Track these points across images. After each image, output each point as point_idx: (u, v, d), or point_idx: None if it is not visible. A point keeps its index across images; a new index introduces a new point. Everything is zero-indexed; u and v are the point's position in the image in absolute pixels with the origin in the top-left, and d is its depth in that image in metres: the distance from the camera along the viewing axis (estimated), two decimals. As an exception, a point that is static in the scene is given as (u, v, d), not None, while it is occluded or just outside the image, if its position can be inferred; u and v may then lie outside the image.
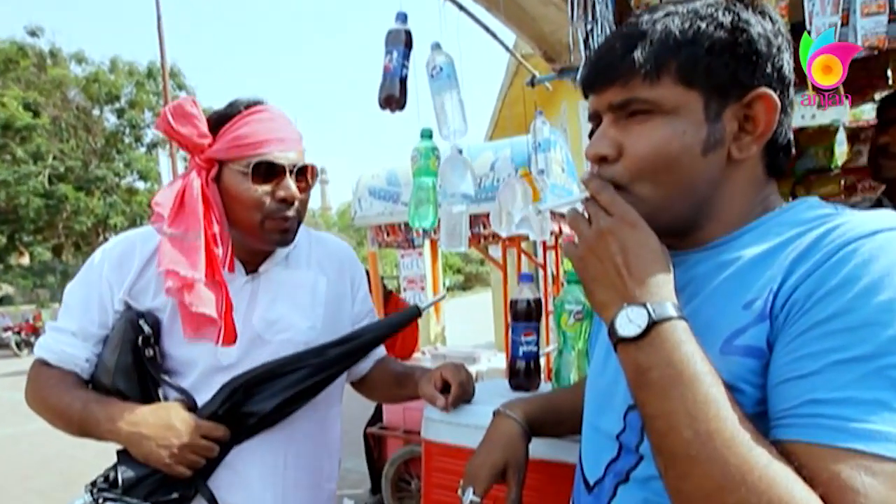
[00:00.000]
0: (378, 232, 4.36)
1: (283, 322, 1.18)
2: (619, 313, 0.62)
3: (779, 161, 0.73)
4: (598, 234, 0.67)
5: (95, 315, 1.14)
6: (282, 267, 1.23)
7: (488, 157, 3.70)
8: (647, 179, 0.69)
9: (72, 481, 4.91)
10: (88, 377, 1.16)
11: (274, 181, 1.11)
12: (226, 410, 1.10)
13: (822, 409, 0.53)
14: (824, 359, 0.54)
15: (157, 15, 13.16)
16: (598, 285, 0.67)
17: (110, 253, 1.17)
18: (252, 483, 1.14)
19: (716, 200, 0.71)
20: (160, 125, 1.10)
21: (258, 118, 1.12)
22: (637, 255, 0.64)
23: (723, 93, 0.67)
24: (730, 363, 0.61)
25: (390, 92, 1.58)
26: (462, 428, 1.29)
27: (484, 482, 0.97)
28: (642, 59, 0.67)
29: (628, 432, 0.74)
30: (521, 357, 1.41)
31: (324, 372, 1.19)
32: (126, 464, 1.07)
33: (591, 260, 0.67)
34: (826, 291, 0.56)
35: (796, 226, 0.65)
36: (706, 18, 0.67)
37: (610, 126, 0.72)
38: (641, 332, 0.60)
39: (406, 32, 1.59)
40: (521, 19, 2.68)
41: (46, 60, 22.43)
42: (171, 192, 1.10)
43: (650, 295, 0.62)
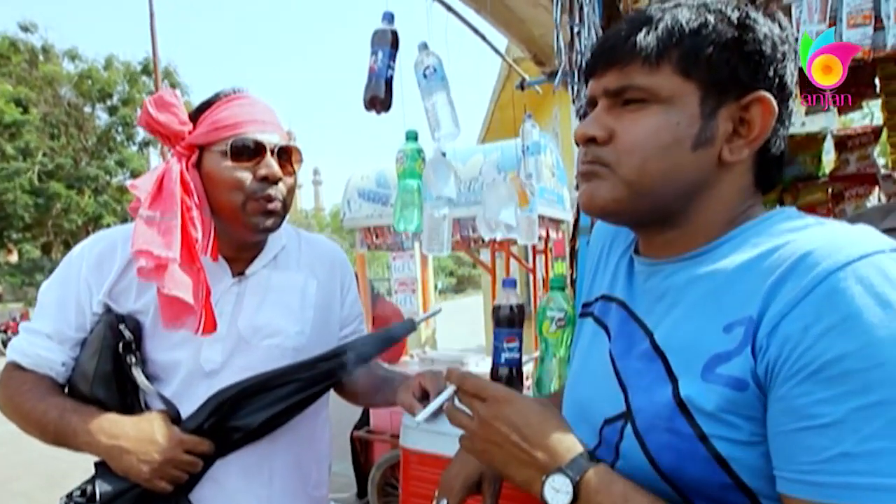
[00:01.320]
0: (367, 234, 4.35)
1: (271, 327, 1.14)
2: (544, 487, 0.64)
3: (770, 173, 0.72)
4: (483, 422, 0.69)
5: (72, 317, 1.09)
6: (270, 268, 1.19)
7: (478, 160, 3.70)
8: (635, 163, 0.67)
9: (55, 483, 4.85)
10: (64, 381, 1.12)
11: (255, 160, 1.08)
12: (211, 424, 1.06)
13: (855, 465, 0.50)
14: (844, 404, 0.51)
15: (149, 12, 13.11)
16: (512, 468, 0.68)
17: (89, 252, 1.12)
18: (237, 495, 1.10)
19: (698, 199, 0.69)
20: (142, 118, 1.07)
21: (238, 103, 1.10)
22: (527, 424, 0.67)
23: (721, 90, 0.66)
24: (712, 392, 0.59)
25: (375, 93, 1.56)
26: (440, 436, 1.27)
27: (458, 494, 0.96)
28: (644, 43, 0.66)
29: (603, 448, 0.72)
30: (503, 363, 1.39)
31: (313, 387, 1.15)
32: (104, 477, 1.03)
33: (492, 449, 0.69)
34: (824, 329, 0.53)
35: (773, 237, 0.63)
36: (715, 12, 0.66)
37: (604, 111, 0.70)
38: (573, 498, 0.62)
39: (392, 33, 1.58)
40: (510, 21, 2.67)
41: (39, 57, 22.29)
42: (151, 176, 1.06)
43: (559, 456, 0.64)
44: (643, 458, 0.64)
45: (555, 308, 1.26)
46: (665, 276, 0.71)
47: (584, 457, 0.64)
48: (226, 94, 1.12)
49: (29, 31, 22.22)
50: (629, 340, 0.72)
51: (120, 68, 22.98)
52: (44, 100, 21.92)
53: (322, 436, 1.29)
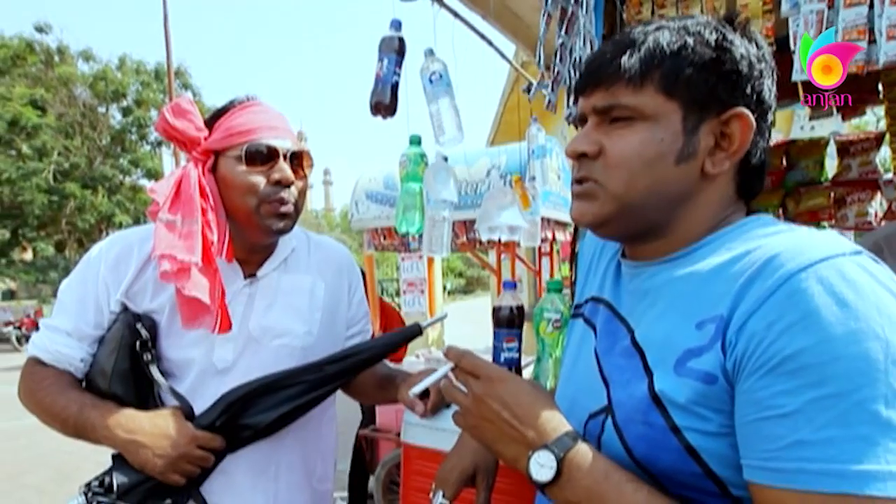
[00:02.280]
0: (374, 235, 4.38)
1: (280, 327, 1.18)
2: (530, 462, 0.67)
3: (751, 183, 0.76)
4: (477, 399, 0.73)
5: (91, 316, 1.14)
6: (281, 271, 1.24)
7: (485, 163, 3.73)
8: (622, 179, 0.71)
9: (66, 477, 4.88)
10: (83, 376, 1.16)
11: (268, 165, 1.13)
12: (223, 422, 1.10)
13: (808, 452, 0.54)
14: (800, 396, 0.54)
15: (163, 14, 13.25)
16: (501, 444, 0.72)
17: (108, 253, 1.16)
18: (243, 487, 1.15)
19: (682, 210, 0.73)
20: (160, 125, 1.12)
21: (252, 110, 1.15)
22: (517, 404, 0.70)
23: (702, 107, 0.70)
24: (684, 385, 0.63)
25: (380, 98, 1.60)
26: (440, 432, 1.31)
27: (453, 486, 0.99)
28: (628, 65, 0.70)
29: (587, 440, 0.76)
30: (502, 363, 1.41)
31: (320, 388, 1.19)
32: (121, 469, 1.07)
33: (483, 425, 0.73)
34: (787, 325, 0.56)
35: (746, 242, 0.67)
36: (694, 35, 0.70)
37: (593, 128, 0.75)
38: (556, 473, 0.65)
39: (399, 40, 1.61)
40: (517, 27, 2.70)
41: (54, 57, 22.54)
42: (169, 181, 1.11)
43: (546, 433, 0.68)
44: (621, 448, 0.67)
45: (552, 309, 1.29)
46: (647, 278, 0.75)
47: (569, 435, 0.67)
48: (240, 101, 1.17)
49: (44, 32, 22.48)
50: (613, 338, 0.76)
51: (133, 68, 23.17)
52: (59, 100, 22.16)
53: (328, 432, 1.32)
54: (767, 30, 1.54)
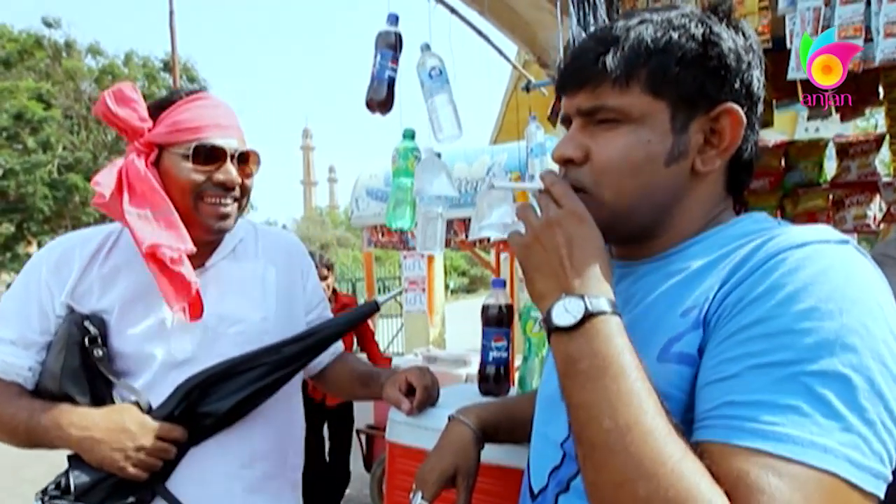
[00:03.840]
0: (374, 232, 4.38)
1: (235, 315, 1.17)
2: (557, 303, 0.63)
3: (740, 178, 0.74)
4: (547, 224, 0.67)
5: (36, 322, 1.10)
6: (230, 260, 1.22)
7: (485, 161, 3.72)
8: (610, 185, 0.70)
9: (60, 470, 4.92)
10: (33, 387, 1.12)
11: (214, 165, 1.11)
12: (182, 411, 1.07)
13: (735, 411, 0.54)
14: (743, 363, 0.55)
15: (169, 10, 13.27)
16: (540, 274, 0.67)
17: (48, 257, 1.14)
18: (216, 479, 1.12)
19: (674, 211, 0.72)
20: (99, 109, 1.08)
21: (199, 104, 1.12)
22: (581, 248, 0.65)
23: (690, 105, 0.68)
24: (666, 371, 0.63)
25: (375, 95, 1.58)
26: (425, 431, 1.30)
27: (433, 487, 0.98)
28: (613, 65, 0.68)
29: (573, 440, 0.74)
30: (490, 362, 1.41)
31: (281, 370, 1.17)
32: (78, 469, 1.03)
33: (536, 249, 0.67)
34: (752, 299, 0.58)
35: (739, 238, 0.66)
36: (679, 29, 0.68)
37: (578, 130, 0.73)
38: (576, 323, 0.61)
39: (396, 34, 1.59)
40: (515, 24, 2.68)
41: (61, 52, 22.62)
42: (111, 172, 1.09)
43: (589, 288, 0.63)
44: None
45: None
46: (636, 279, 0.74)
47: (611, 302, 0.62)
48: (186, 93, 1.14)
49: (52, 27, 22.57)
50: None
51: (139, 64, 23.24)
52: (65, 94, 22.24)
53: (296, 419, 1.31)
54: (763, 27, 1.52)
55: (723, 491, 0.51)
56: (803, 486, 0.50)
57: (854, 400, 0.51)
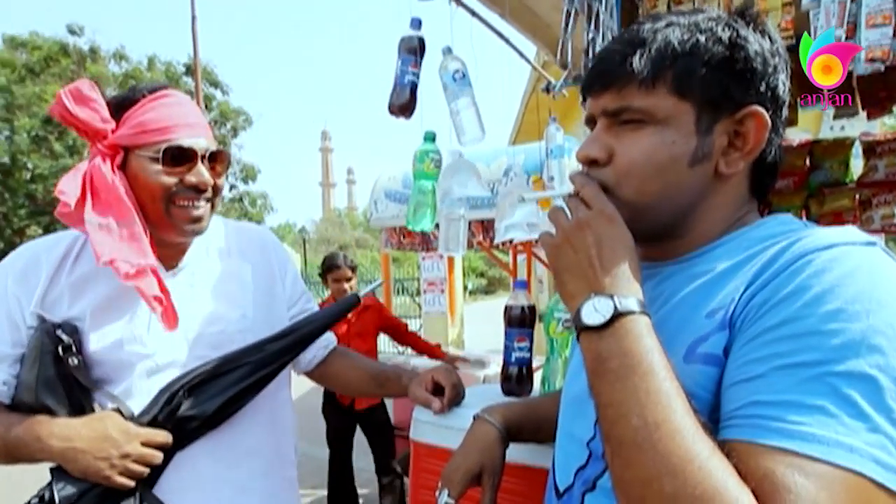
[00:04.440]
0: (393, 234, 4.40)
1: (213, 315, 1.14)
2: (586, 303, 0.64)
3: (764, 181, 0.75)
4: (577, 225, 0.68)
5: (6, 334, 1.05)
6: (203, 260, 1.19)
7: (503, 162, 3.72)
8: (633, 185, 0.70)
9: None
10: (9, 401, 1.06)
11: (185, 167, 1.07)
12: (165, 416, 1.04)
13: (761, 411, 0.55)
14: (769, 363, 0.56)
15: (192, 14, 13.46)
16: (570, 275, 0.68)
17: (12, 267, 1.09)
18: (205, 482, 1.10)
19: (697, 212, 0.72)
20: (55, 109, 1.02)
21: (165, 102, 1.07)
22: (611, 248, 0.66)
23: (715, 107, 0.68)
24: (692, 371, 0.63)
25: (398, 99, 1.60)
26: (449, 430, 1.31)
27: (459, 485, 0.99)
28: (640, 66, 0.68)
29: (599, 439, 0.74)
30: (513, 363, 1.42)
31: (265, 368, 1.15)
32: (62, 480, 0.99)
33: (566, 249, 0.69)
34: (778, 300, 0.58)
35: (765, 240, 0.66)
36: (706, 32, 0.68)
37: (603, 131, 0.73)
38: (605, 322, 0.62)
39: (418, 39, 1.61)
40: (535, 26, 2.68)
41: (86, 59, 23.06)
42: (76, 179, 1.03)
43: (618, 287, 0.64)
44: None
45: (562, 309, 1.28)
46: (660, 280, 0.74)
47: (640, 302, 0.63)
48: (150, 90, 1.09)
49: (76, 34, 23.01)
50: None
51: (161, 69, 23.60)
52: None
53: (284, 416, 1.27)
54: (787, 24, 1.51)
55: (749, 489, 0.52)
56: (829, 485, 0.50)
57: (881, 400, 0.51)
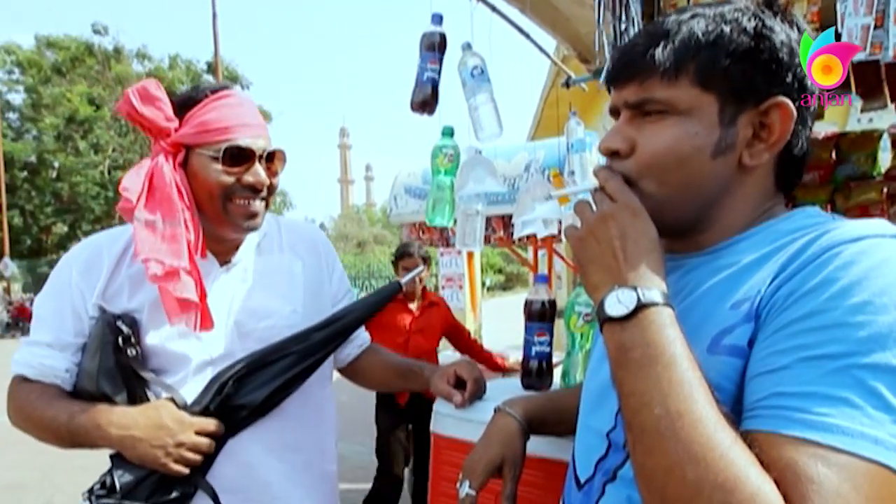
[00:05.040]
0: (413, 230, 4.41)
1: (265, 309, 1.17)
2: (610, 294, 0.64)
3: (790, 174, 0.74)
4: (601, 217, 0.69)
5: (70, 324, 1.11)
6: (255, 255, 1.22)
7: (523, 158, 3.71)
8: (655, 177, 0.70)
9: (117, 460, 5.10)
10: (70, 388, 1.13)
11: (244, 166, 1.10)
12: (217, 405, 1.08)
13: (785, 402, 0.55)
14: (794, 355, 0.56)
15: (212, 13, 13.63)
16: (594, 267, 0.68)
17: (76, 259, 1.14)
18: (254, 470, 1.13)
19: (721, 205, 0.72)
20: (123, 107, 1.06)
21: (226, 103, 1.10)
22: (635, 241, 0.66)
23: (739, 98, 0.68)
24: (717, 363, 0.63)
25: (420, 96, 1.60)
26: (470, 423, 1.31)
27: (480, 477, 0.99)
28: (662, 58, 0.68)
29: (619, 430, 0.75)
30: (533, 357, 1.42)
31: (310, 357, 1.17)
32: (122, 467, 1.05)
33: (591, 242, 0.69)
34: (805, 292, 0.57)
35: (792, 233, 0.66)
36: (731, 23, 0.68)
37: (625, 123, 0.73)
38: (629, 313, 0.62)
39: (440, 35, 1.61)
40: (556, 20, 2.67)
41: (111, 58, 23.46)
42: (139, 176, 1.07)
43: (641, 280, 0.64)
44: None
45: (582, 303, 1.28)
46: (684, 272, 0.74)
47: (663, 294, 0.63)
48: (212, 90, 1.12)
49: (101, 34, 23.43)
50: None
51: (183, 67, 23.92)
52: (115, 99, 23.08)
53: (326, 410, 1.30)
54: (813, 15, 1.48)
55: (772, 479, 0.52)
56: (853, 475, 0.50)
57: None
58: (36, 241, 24.69)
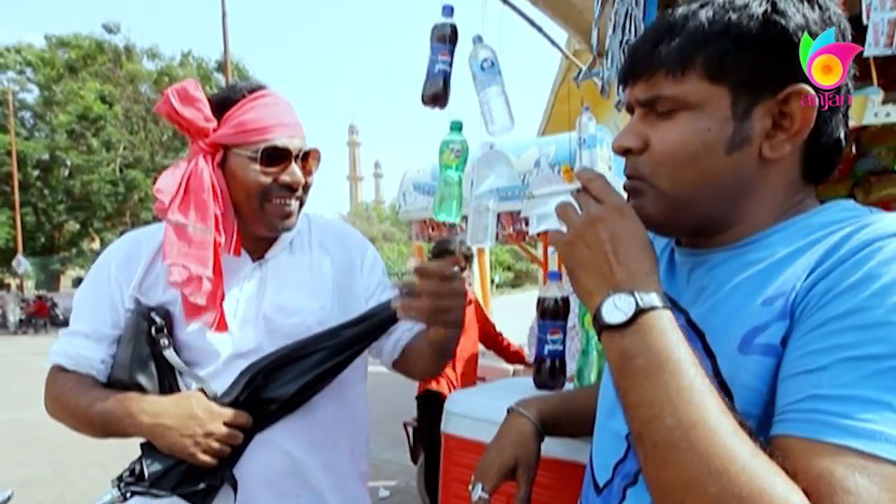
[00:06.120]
0: (423, 226, 4.39)
1: (293, 306, 1.17)
2: (606, 300, 0.61)
3: (820, 164, 0.70)
4: (589, 220, 0.66)
5: (107, 316, 1.14)
6: (287, 253, 1.23)
7: (533, 153, 3.67)
8: (668, 174, 0.68)
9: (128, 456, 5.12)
10: (105, 380, 1.15)
11: (280, 166, 1.11)
12: (246, 397, 1.09)
13: (823, 405, 0.51)
14: (833, 355, 0.53)
15: (222, 11, 13.67)
16: (585, 272, 0.65)
17: (116, 253, 1.17)
18: (281, 465, 1.13)
19: (745, 201, 0.68)
20: (162, 108, 1.08)
21: (263, 103, 1.12)
22: (626, 243, 0.63)
23: (753, 89, 0.64)
24: (749, 362, 0.60)
25: (433, 89, 1.57)
26: (481, 423, 1.29)
27: (493, 479, 0.97)
28: (667, 53, 0.66)
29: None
30: (546, 355, 1.40)
31: (341, 354, 1.16)
32: (151, 456, 1.06)
33: (580, 246, 0.66)
34: (843, 288, 0.54)
35: (827, 226, 0.63)
36: (739, 10, 0.64)
37: (639, 120, 0.71)
38: (628, 320, 0.59)
39: (451, 27, 1.58)
40: (567, 12, 2.63)
41: (121, 56, 23.65)
42: (174, 178, 1.09)
43: (637, 283, 0.61)
44: None
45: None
46: (710, 267, 0.71)
47: (661, 296, 0.60)
48: (249, 90, 1.14)
49: (112, 33, 23.62)
50: None
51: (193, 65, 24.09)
52: (126, 96, 23.28)
53: (358, 409, 1.29)
54: (838, 5, 1.44)
55: (800, 489, 0.49)
56: (894, 486, 0.47)
57: None
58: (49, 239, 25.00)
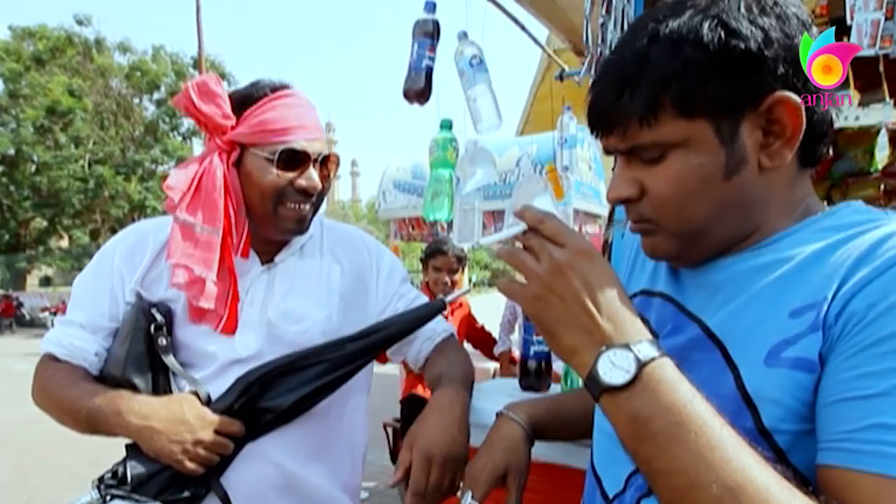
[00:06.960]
0: (402, 225, 4.37)
1: (298, 312, 1.14)
2: (599, 359, 0.56)
3: (813, 149, 0.67)
4: (555, 269, 0.59)
5: (106, 307, 1.11)
6: (297, 257, 1.20)
7: (514, 153, 3.67)
8: (673, 215, 0.66)
9: (99, 460, 4.88)
10: (97, 372, 1.12)
11: (298, 170, 1.08)
12: (241, 405, 1.05)
13: (889, 436, 0.49)
14: (891, 379, 0.50)
15: (196, 5, 13.43)
16: (564, 328, 0.59)
17: (122, 243, 1.14)
18: (270, 477, 1.09)
19: (756, 214, 0.66)
20: (181, 101, 1.06)
21: (285, 103, 1.09)
22: (602, 290, 0.58)
23: (731, 110, 0.62)
24: (777, 376, 0.57)
25: (412, 85, 1.55)
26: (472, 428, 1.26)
27: (483, 486, 0.94)
28: (632, 106, 0.63)
29: None
30: (532, 357, 1.38)
31: (343, 367, 1.12)
32: (136, 459, 1.02)
33: (551, 300, 0.60)
34: (890, 304, 0.52)
35: (843, 230, 0.61)
36: (689, 43, 0.61)
37: (625, 168, 0.69)
38: (632, 378, 0.54)
39: (433, 23, 1.56)
40: (551, 11, 2.62)
41: (92, 49, 23.09)
42: (186, 175, 1.06)
43: (628, 334, 0.57)
44: None
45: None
46: (723, 268, 0.69)
47: (654, 344, 0.56)
48: (272, 88, 1.10)
49: (83, 25, 23.04)
50: (677, 332, 0.70)
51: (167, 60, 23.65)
52: (96, 91, 22.73)
53: (353, 421, 1.24)
54: (821, 8, 1.45)
55: None
56: None
57: None
58: (14, 237, 24.30)
